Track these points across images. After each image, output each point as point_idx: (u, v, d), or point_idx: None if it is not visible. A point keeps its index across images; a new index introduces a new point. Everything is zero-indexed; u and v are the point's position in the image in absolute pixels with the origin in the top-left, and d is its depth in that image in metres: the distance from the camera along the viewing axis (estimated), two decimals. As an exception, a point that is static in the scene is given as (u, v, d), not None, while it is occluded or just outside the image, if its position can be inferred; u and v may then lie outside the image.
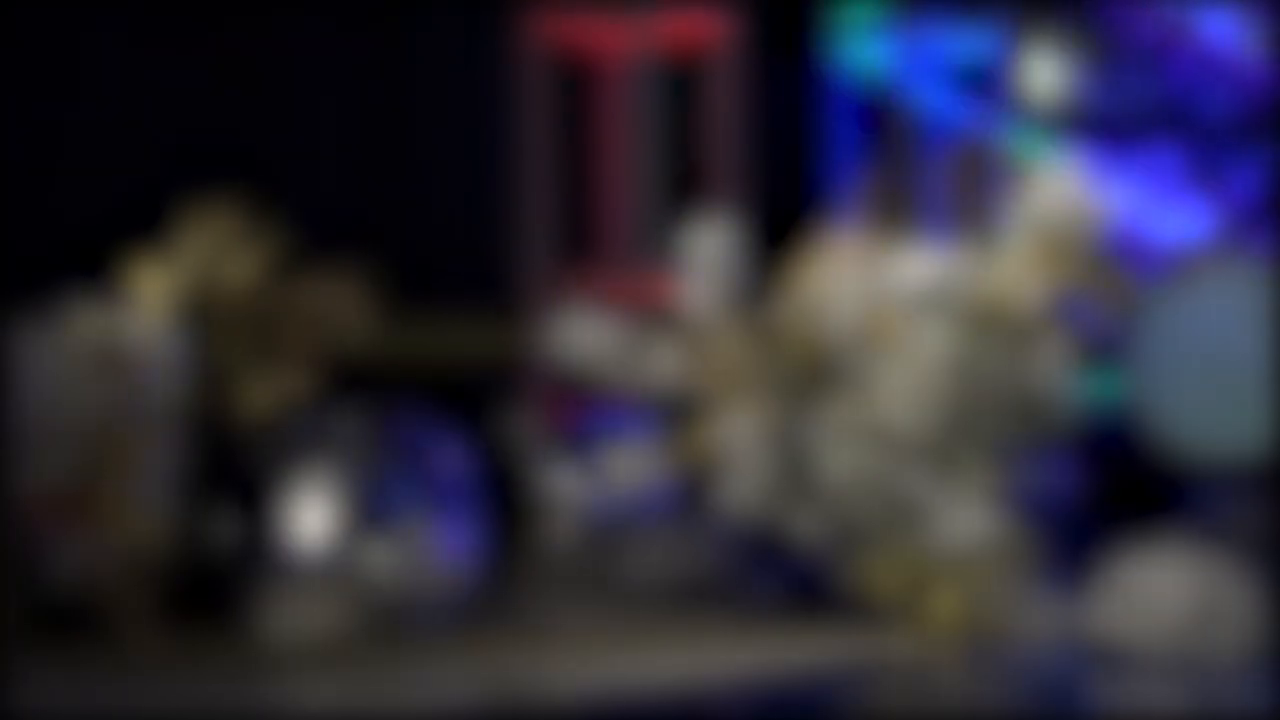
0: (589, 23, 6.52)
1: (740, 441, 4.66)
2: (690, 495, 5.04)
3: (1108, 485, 7.46)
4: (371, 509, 4.86)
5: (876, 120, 7.61)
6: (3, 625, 4.30)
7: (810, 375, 4.64)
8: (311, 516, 4.80)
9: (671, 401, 4.86)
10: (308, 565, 4.78)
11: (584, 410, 6.02)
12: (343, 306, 4.51)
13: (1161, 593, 4.42)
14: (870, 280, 4.72)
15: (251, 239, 4.40)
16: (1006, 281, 4.76)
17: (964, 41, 7.78)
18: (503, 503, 5.89)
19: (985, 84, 7.61)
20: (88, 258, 4.71)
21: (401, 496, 4.87)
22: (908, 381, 4.64)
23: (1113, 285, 4.87)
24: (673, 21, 6.56)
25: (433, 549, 4.83)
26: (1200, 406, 5.36)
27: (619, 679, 4.37)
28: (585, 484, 4.88)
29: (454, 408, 6.02)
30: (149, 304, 4.36)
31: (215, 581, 4.91)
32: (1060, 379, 4.81)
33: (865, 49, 7.61)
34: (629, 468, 4.75)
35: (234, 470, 4.94)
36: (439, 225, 6.15)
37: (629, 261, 6.47)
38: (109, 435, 4.24)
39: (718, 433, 4.70)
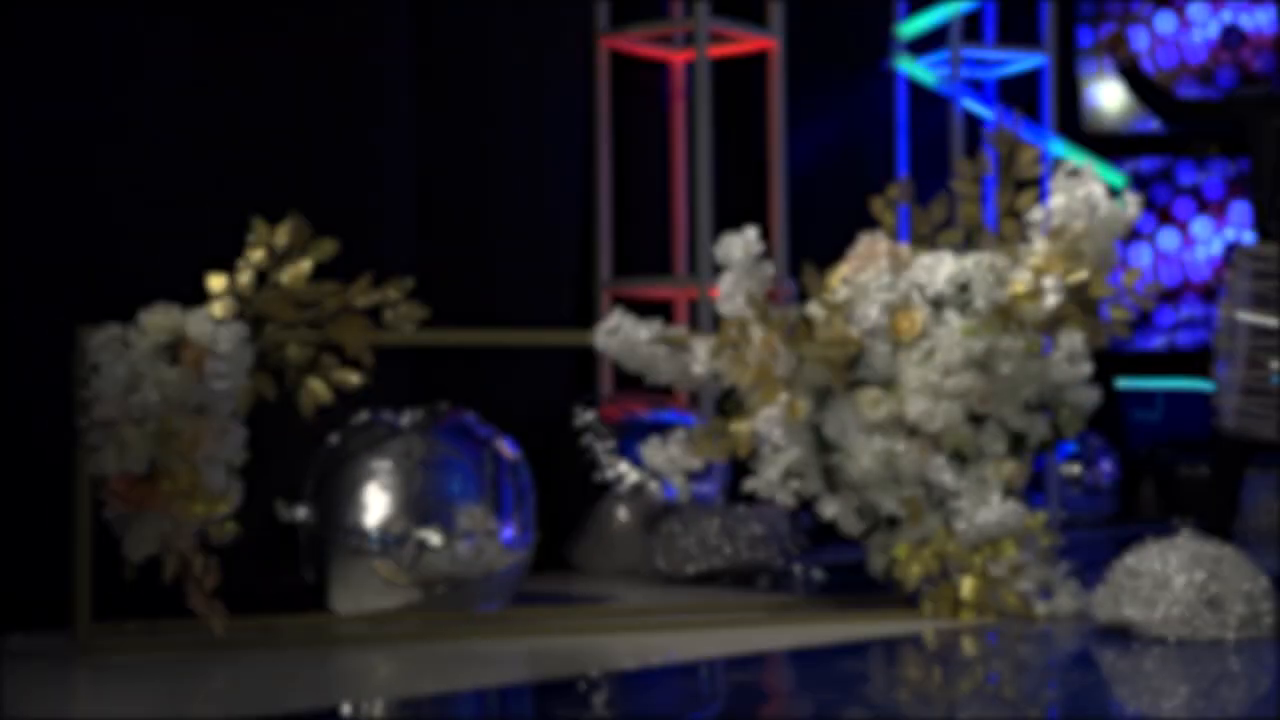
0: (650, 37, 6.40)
1: (771, 432, 4.53)
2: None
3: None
4: (440, 492, 4.74)
5: (928, 126, 7.50)
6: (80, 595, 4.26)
7: (840, 369, 4.49)
8: (384, 501, 4.67)
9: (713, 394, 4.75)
10: (394, 543, 4.65)
11: (646, 405, 5.90)
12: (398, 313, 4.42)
13: (1167, 579, 4.23)
14: (897, 280, 4.57)
15: (309, 250, 4.31)
16: (1028, 281, 4.59)
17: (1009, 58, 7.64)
18: (571, 488, 5.82)
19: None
20: (164, 267, 4.61)
21: (465, 478, 4.75)
22: (932, 376, 4.47)
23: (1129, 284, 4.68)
24: (731, 35, 6.42)
25: (488, 532, 4.71)
26: None
27: (656, 652, 4.32)
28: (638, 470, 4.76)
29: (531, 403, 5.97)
30: (215, 308, 4.28)
31: (293, 559, 4.84)
32: (1081, 375, 4.63)
33: (919, 61, 7.46)
34: (668, 456, 4.60)
35: (312, 459, 4.87)
36: (517, 232, 6.04)
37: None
38: (177, 424, 4.15)
39: (752, 423, 4.56)
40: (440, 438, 4.84)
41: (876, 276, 4.59)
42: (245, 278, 4.32)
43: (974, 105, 7.44)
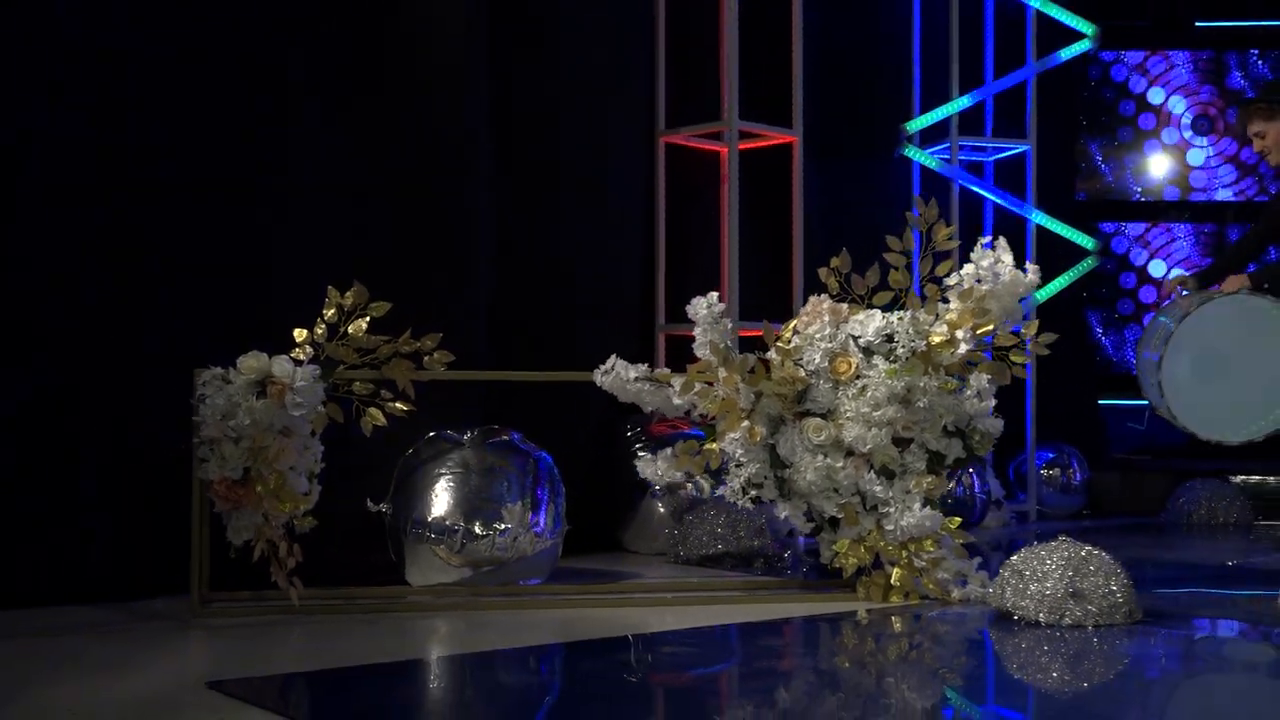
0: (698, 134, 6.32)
1: (735, 451, 4.44)
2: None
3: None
4: (485, 494, 4.70)
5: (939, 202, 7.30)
6: (195, 569, 4.29)
7: (790, 402, 4.39)
8: (444, 499, 4.66)
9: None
10: (449, 533, 4.62)
11: (685, 423, 5.79)
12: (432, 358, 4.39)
13: (1043, 574, 4.07)
14: (837, 332, 4.45)
15: (369, 309, 4.31)
16: (944, 333, 4.44)
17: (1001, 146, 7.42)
18: (622, 486, 5.76)
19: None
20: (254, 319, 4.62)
21: (507, 485, 4.72)
22: (864, 408, 4.35)
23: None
24: (759, 132, 6.33)
25: (528, 524, 4.68)
26: None
27: (660, 623, 4.25)
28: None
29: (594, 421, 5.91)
30: (296, 352, 4.30)
31: (377, 544, 4.84)
32: (987, 407, 4.48)
33: (926, 150, 7.27)
34: (656, 468, 4.53)
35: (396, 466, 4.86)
36: (591, 287, 6.00)
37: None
38: (265, 441, 4.18)
39: (720, 444, 4.48)
40: (490, 451, 4.79)
41: (820, 329, 4.47)
42: (320, 330, 4.34)
43: (972, 184, 7.25)
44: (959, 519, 4.55)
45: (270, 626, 4.14)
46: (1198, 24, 8.75)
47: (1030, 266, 4.54)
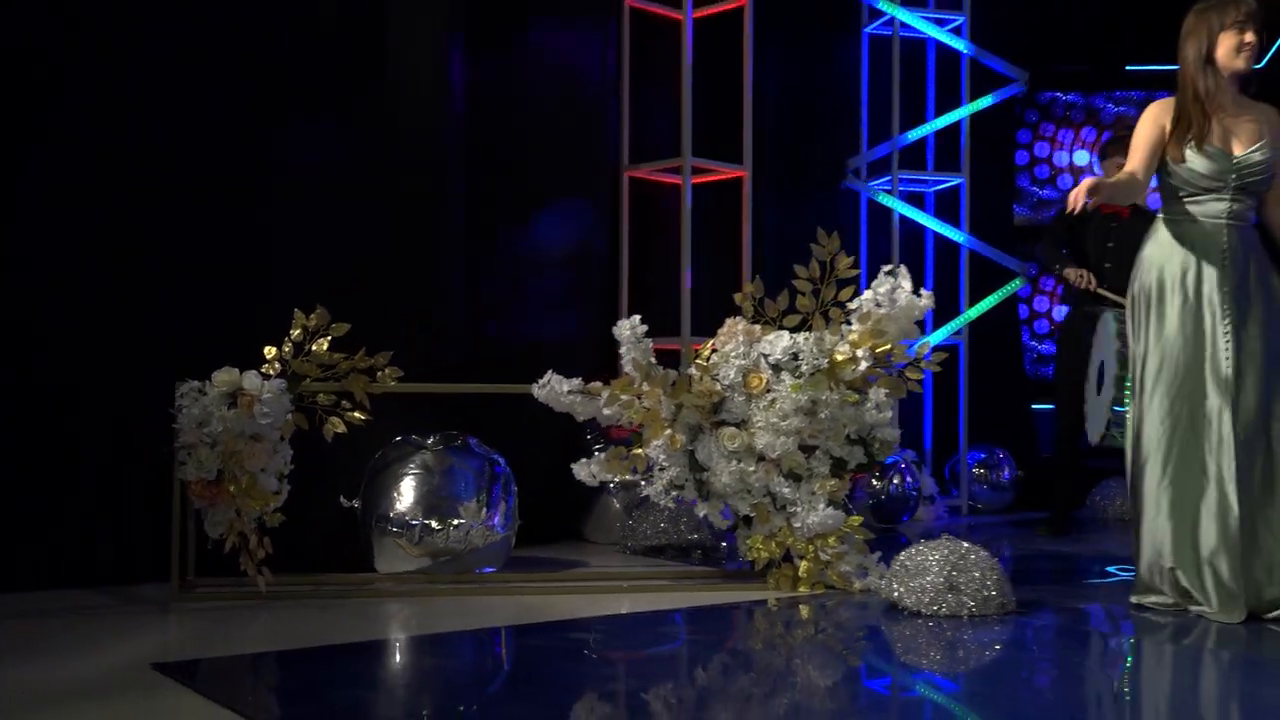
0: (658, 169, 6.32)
1: (658, 456, 4.44)
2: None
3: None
4: (444, 493, 4.73)
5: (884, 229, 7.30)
6: (174, 559, 4.29)
7: (708, 413, 4.39)
8: (406, 497, 4.70)
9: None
10: (409, 527, 4.66)
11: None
12: (384, 373, 4.41)
13: (921, 564, 4.06)
14: (749, 350, 4.45)
15: (330, 330, 4.33)
16: (846, 352, 4.44)
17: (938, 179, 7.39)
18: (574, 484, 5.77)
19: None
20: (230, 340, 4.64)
21: (464, 485, 4.74)
22: (774, 419, 4.35)
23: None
24: (712, 168, 6.32)
25: (482, 519, 4.69)
26: None
27: (601, 608, 4.27)
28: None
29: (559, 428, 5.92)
30: (265, 367, 4.32)
31: (347, 537, 4.86)
32: (885, 418, 4.47)
33: (870, 182, 7.24)
34: (589, 471, 4.54)
35: (366, 466, 4.88)
36: (560, 306, 6.00)
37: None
38: (237, 446, 4.20)
39: (645, 450, 4.48)
40: (449, 454, 4.81)
41: (735, 347, 4.47)
42: (288, 348, 4.38)
43: (911, 213, 7.22)
44: (860, 518, 4.53)
45: (242, 610, 4.15)
46: (1128, 68, 8.68)
47: (924, 292, 4.53)
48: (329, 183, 5.11)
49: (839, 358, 4.45)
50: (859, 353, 4.46)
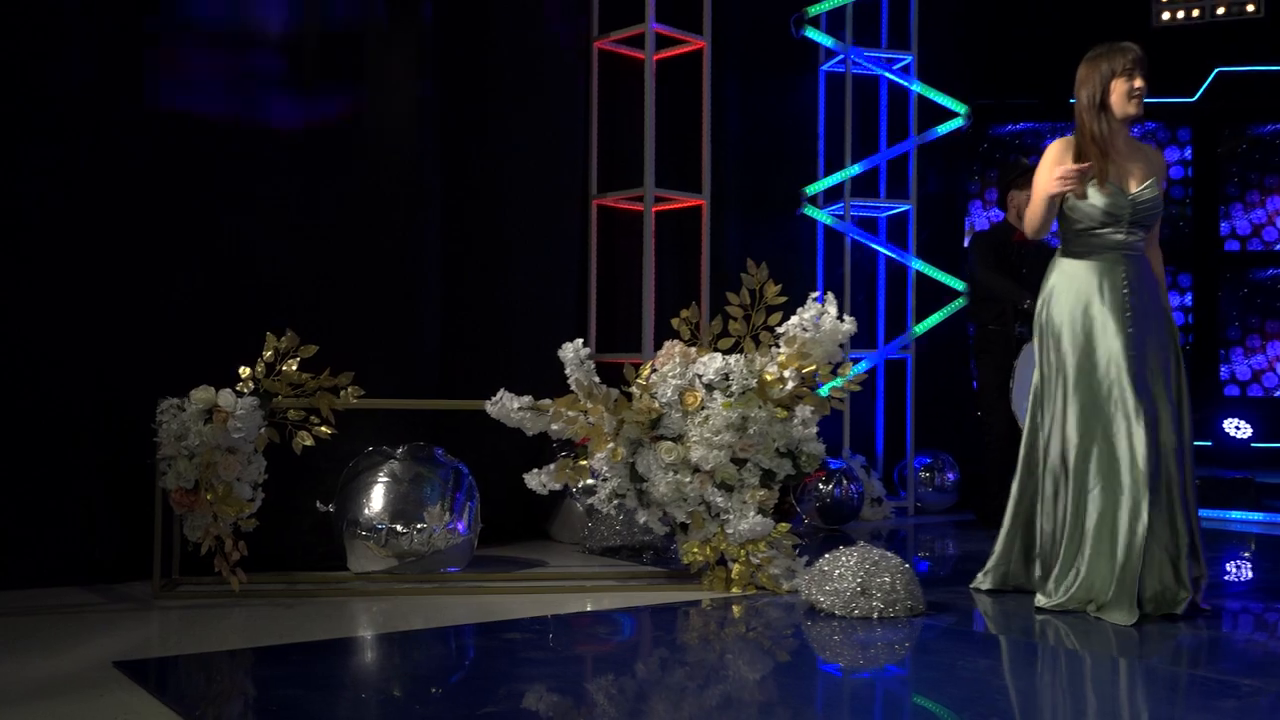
0: (624, 198, 6.32)
1: (601, 468, 4.46)
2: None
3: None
4: (410, 499, 4.75)
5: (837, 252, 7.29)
6: (156, 559, 4.32)
7: (647, 428, 4.41)
8: (375, 503, 4.73)
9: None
10: (376, 530, 4.69)
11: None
12: (347, 391, 4.44)
13: (838, 569, 4.08)
14: (685, 371, 4.47)
15: (299, 352, 4.37)
16: (775, 373, 4.46)
17: (888, 206, 7.38)
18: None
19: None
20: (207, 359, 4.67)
21: (431, 489, 4.77)
22: (708, 435, 4.37)
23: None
24: (672, 196, 6.33)
25: (445, 523, 4.72)
26: None
27: (550, 607, 4.28)
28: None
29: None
30: (240, 385, 4.36)
31: (322, 539, 4.89)
32: (811, 434, 4.49)
33: (825, 208, 7.24)
34: (540, 480, 4.56)
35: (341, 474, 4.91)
36: (533, 328, 6.00)
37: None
38: (213, 458, 4.24)
39: (590, 462, 4.50)
40: (416, 463, 4.84)
41: (672, 368, 4.50)
42: (260, 369, 4.42)
43: (862, 238, 7.21)
44: (787, 524, 4.56)
45: (217, 608, 4.19)
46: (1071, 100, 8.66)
47: (847, 318, 4.54)
48: (308, 209, 5.15)
49: (768, 378, 4.47)
50: (786, 373, 4.48)
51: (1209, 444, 8.62)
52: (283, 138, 5.08)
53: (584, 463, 4.54)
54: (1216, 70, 8.91)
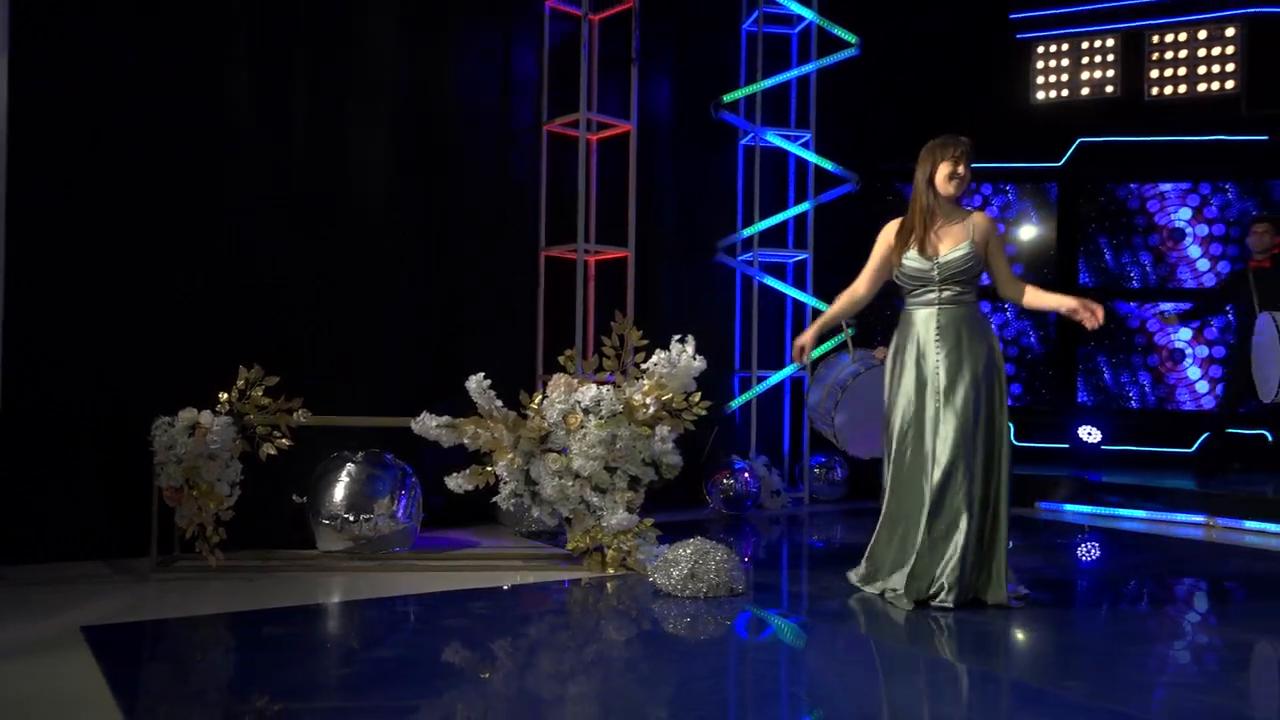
0: (567, 249, 6.41)
1: (503, 473, 4.58)
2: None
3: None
4: (363, 493, 4.87)
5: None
6: (152, 541, 4.47)
7: (538, 443, 4.52)
8: (336, 496, 4.85)
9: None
10: (335, 518, 4.81)
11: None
12: (300, 412, 4.56)
13: (676, 558, 4.17)
14: (569, 397, 4.57)
15: (263, 381, 4.50)
16: (638, 400, 4.55)
17: (792, 255, 7.36)
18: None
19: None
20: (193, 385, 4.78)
21: (380, 486, 4.89)
22: (585, 448, 4.48)
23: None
24: (603, 249, 6.41)
25: (391, 512, 4.85)
26: None
27: (470, 582, 4.35)
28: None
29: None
30: (219, 406, 4.49)
31: (297, 525, 5.01)
32: (669, 448, 4.57)
33: (740, 256, 7.24)
34: (456, 482, 4.68)
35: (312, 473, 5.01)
36: (489, 356, 6.08)
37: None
38: (197, 463, 4.37)
39: (494, 469, 4.61)
40: (369, 465, 4.99)
41: (559, 395, 4.62)
42: (234, 394, 4.59)
43: (769, 281, 7.29)
44: (651, 519, 4.66)
45: (199, 580, 4.32)
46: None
47: (699, 357, 4.63)
48: (296, 266, 5.32)
49: (634, 404, 4.58)
50: (648, 400, 4.59)
51: (1065, 446, 8.60)
52: (277, 198, 5.23)
53: (489, 469, 4.67)
54: (1079, 140, 8.88)
